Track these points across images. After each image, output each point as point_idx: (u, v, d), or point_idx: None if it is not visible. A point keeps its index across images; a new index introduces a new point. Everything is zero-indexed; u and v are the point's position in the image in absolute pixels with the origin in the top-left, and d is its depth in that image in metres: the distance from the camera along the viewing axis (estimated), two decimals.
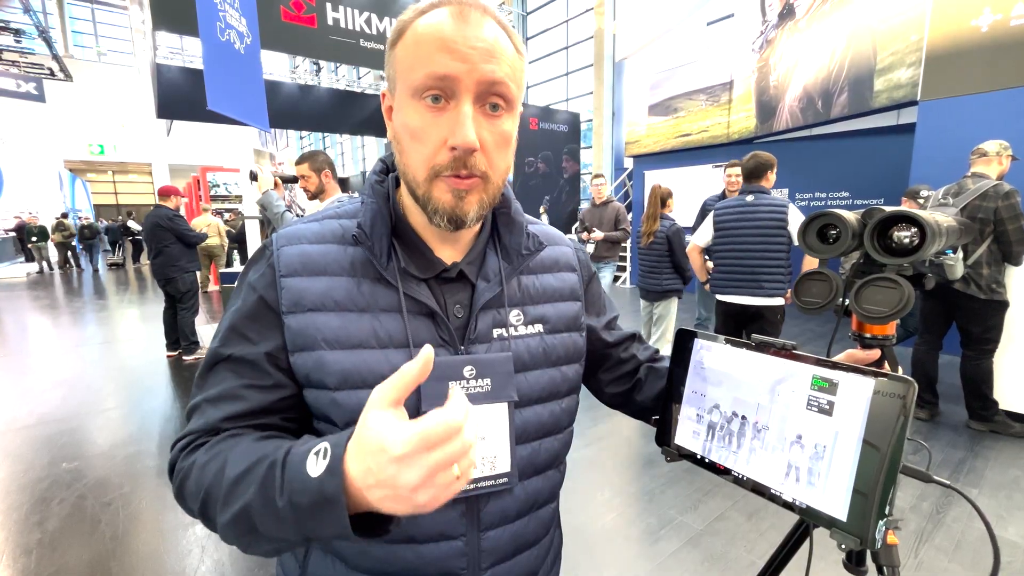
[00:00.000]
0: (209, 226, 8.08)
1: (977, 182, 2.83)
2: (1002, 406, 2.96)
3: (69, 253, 13.79)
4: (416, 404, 0.55)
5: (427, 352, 0.40)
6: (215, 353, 0.57)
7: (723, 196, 3.88)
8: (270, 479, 0.44)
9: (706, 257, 3.89)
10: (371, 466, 0.38)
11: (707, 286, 3.33)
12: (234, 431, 0.54)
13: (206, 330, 5.70)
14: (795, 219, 2.78)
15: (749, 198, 2.89)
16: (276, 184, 2.63)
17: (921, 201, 3.37)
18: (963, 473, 2.56)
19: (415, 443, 0.36)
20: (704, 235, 3.17)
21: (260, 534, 0.45)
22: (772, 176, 2.92)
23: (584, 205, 3.84)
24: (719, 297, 3.08)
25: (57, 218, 13.98)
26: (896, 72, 4.83)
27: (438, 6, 0.52)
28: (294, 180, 2.61)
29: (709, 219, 3.09)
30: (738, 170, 3.68)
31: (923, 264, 0.60)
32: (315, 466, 0.41)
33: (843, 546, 0.49)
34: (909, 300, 0.56)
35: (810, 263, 2.96)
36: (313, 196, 2.56)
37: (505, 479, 0.59)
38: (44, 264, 12.78)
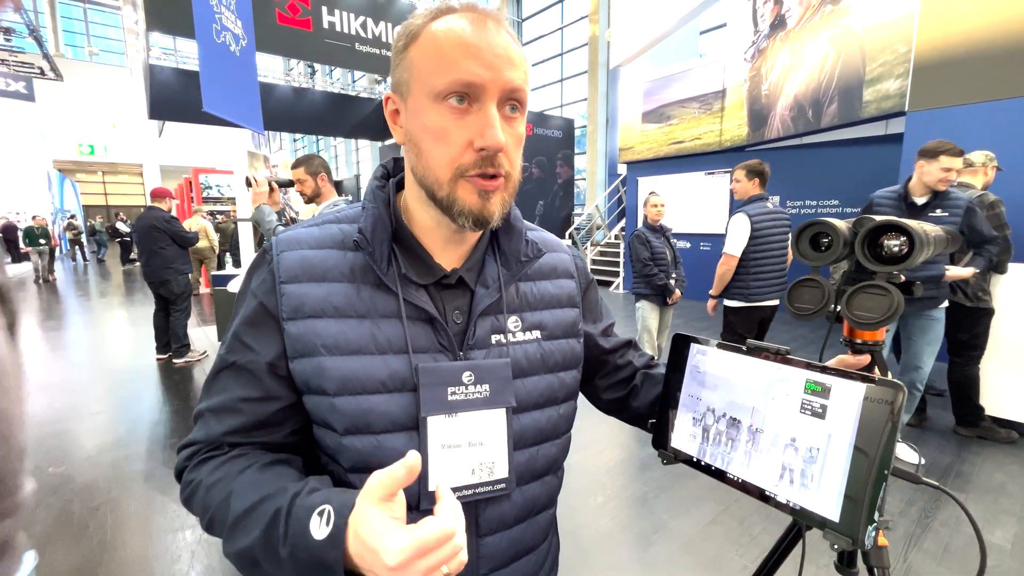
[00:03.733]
0: (198, 229, 7.99)
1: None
2: (988, 412, 3.01)
3: (77, 248, 16.17)
4: (415, 410, 0.56)
5: (413, 459, 0.43)
6: (221, 360, 0.59)
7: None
8: (274, 528, 0.47)
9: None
10: (366, 557, 0.41)
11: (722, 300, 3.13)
12: (238, 451, 0.57)
13: (197, 333, 5.65)
14: None
15: (770, 204, 3.02)
16: (272, 189, 2.62)
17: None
18: (950, 478, 2.59)
19: (410, 553, 0.39)
20: (741, 244, 2.99)
21: (263, 569, 0.49)
22: None
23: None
24: (755, 304, 3.01)
25: (67, 220, 16.29)
26: (885, 83, 4.92)
27: (452, 12, 0.53)
28: (290, 184, 2.60)
29: (745, 226, 2.94)
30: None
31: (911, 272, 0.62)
32: (318, 529, 0.44)
33: (836, 546, 0.50)
34: (899, 306, 0.58)
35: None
36: (309, 200, 2.56)
37: (503, 485, 0.60)
38: (43, 270, 12.26)
